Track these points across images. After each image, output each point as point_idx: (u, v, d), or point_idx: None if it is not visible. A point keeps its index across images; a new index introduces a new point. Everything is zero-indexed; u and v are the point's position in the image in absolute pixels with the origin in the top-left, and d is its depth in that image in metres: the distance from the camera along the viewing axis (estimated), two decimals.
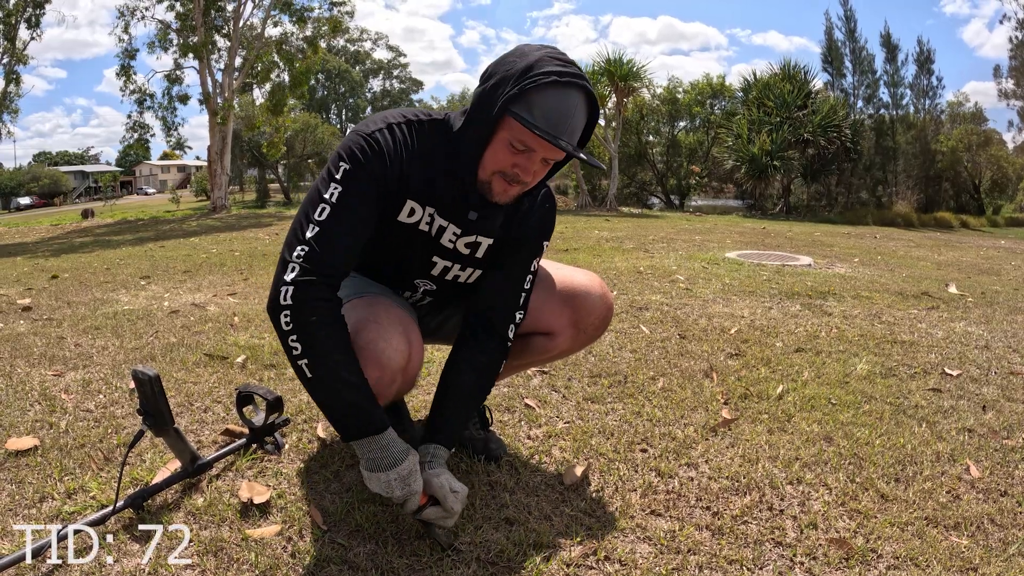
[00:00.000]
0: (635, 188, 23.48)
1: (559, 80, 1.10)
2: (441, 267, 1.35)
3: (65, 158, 67.38)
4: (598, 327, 1.48)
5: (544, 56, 1.13)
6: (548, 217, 1.37)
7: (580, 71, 1.13)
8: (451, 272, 1.37)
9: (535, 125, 1.09)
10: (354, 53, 50.41)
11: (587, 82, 1.14)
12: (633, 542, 1.26)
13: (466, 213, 1.26)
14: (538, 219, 1.35)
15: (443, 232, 1.29)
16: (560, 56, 1.14)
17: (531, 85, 1.10)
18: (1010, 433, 1.81)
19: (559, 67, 1.11)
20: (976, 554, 1.23)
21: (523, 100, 1.10)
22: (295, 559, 1.17)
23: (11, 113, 17.02)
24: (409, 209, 1.24)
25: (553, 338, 1.47)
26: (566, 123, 1.11)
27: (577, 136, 1.16)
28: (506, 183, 1.19)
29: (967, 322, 3.20)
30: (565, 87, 1.11)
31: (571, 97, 1.12)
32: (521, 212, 1.33)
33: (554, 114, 1.10)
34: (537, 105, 1.10)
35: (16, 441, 1.62)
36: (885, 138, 20.95)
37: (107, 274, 4.96)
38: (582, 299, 1.45)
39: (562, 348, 1.50)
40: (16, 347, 2.58)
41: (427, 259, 1.34)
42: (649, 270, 4.60)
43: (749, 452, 1.64)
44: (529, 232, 1.34)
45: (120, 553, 1.18)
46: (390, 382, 1.26)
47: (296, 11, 16.22)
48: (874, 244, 8.06)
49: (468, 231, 1.30)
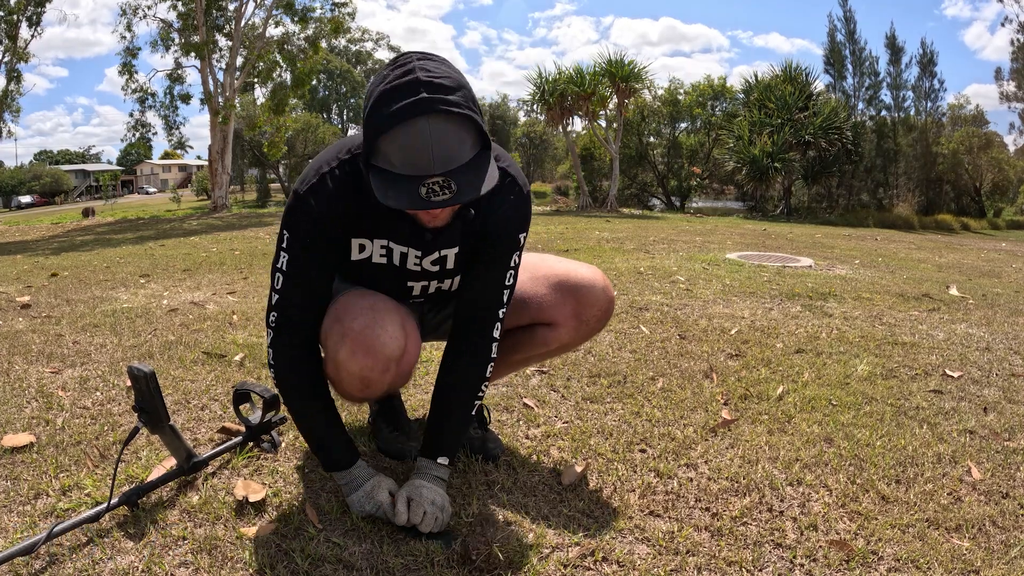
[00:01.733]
0: (636, 189, 23.48)
1: (397, 119, 1.00)
2: (420, 288, 1.36)
3: (66, 157, 67.51)
4: (600, 319, 1.47)
5: (382, 92, 1.03)
6: (517, 208, 1.28)
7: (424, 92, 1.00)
8: (431, 288, 1.37)
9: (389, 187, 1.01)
10: (355, 53, 50.43)
11: (435, 101, 1.00)
12: (631, 543, 1.25)
13: (422, 235, 1.24)
14: (506, 212, 1.26)
15: (406, 258, 1.29)
16: (399, 83, 1.02)
17: (375, 136, 1.03)
18: (1012, 435, 1.80)
19: (397, 101, 1.00)
20: (978, 556, 1.22)
21: (379, 153, 1.04)
22: (290, 558, 1.16)
23: (12, 112, 17.03)
24: (358, 246, 1.27)
25: (555, 329, 1.46)
26: (427, 157, 1.00)
27: (461, 154, 1.02)
28: (429, 214, 1.15)
29: (968, 324, 3.19)
30: (408, 121, 1.00)
31: (419, 130, 0.99)
32: (483, 209, 1.25)
33: (411, 156, 1.00)
34: (391, 155, 1.02)
35: (12, 438, 1.61)
36: (886, 140, 20.95)
37: (107, 272, 4.96)
38: (585, 291, 1.43)
39: (563, 340, 1.48)
40: (14, 344, 2.57)
41: (402, 286, 1.35)
42: (649, 271, 4.59)
43: (749, 453, 1.63)
44: (500, 227, 1.27)
45: (114, 550, 1.18)
46: (383, 370, 1.26)
47: (298, 11, 16.23)
48: (875, 246, 8.05)
49: (429, 250, 1.29)
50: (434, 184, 1.00)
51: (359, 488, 1.30)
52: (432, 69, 1.04)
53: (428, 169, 1.00)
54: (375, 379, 1.27)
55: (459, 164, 1.02)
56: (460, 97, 1.03)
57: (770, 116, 17.15)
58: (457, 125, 1.02)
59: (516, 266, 1.31)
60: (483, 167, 1.05)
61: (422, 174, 1.00)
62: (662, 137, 24.00)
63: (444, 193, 1.01)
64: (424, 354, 2.43)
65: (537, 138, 42.60)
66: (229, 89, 15.83)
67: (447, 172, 1.01)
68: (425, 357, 2.40)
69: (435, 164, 1.00)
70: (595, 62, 15.59)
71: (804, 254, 6.22)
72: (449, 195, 1.01)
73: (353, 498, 1.30)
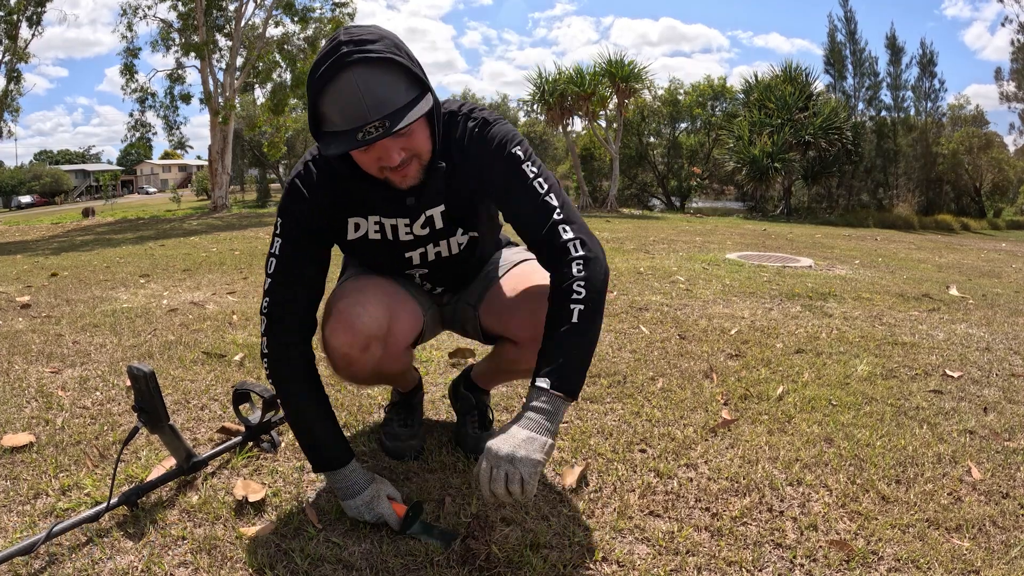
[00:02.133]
0: (636, 189, 23.49)
1: (325, 78, 1.04)
2: (418, 256, 1.36)
3: (66, 157, 67.55)
4: None
5: (315, 62, 1.07)
6: (485, 134, 1.23)
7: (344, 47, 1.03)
8: (430, 255, 1.36)
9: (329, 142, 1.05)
10: None
11: (354, 52, 1.03)
12: (631, 543, 1.25)
13: (404, 202, 1.25)
14: (479, 144, 1.23)
15: (397, 229, 1.30)
16: (327, 49, 1.06)
17: (313, 102, 1.06)
18: (1012, 435, 1.80)
19: (322, 62, 1.04)
20: (978, 556, 1.21)
21: (320, 117, 1.08)
22: (289, 558, 1.16)
23: (12, 112, 17.02)
24: (353, 225, 1.30)
25: (520, 349, 1.39)
26: (361, 106, 1.03)
27: (394, 98, 1.04)
28: (394, 172, 1.15)
29: (968, 324, 3.19)
30: (333, 79, 1.03)
31: (344, 83, 1.03)
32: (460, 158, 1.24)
33: (344, 109, 1.04)
34: (329, 113, 1.06)
35: (12, 437, 1.61)
36: (886, 140, 20.95)
37: (107, 272, 4.96)
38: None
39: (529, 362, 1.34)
40: (14, 344, 2.57)
41: (400, 258, 1.35)
42: (649, 271, 4.59)
43: (749, 453, 1.63)
44: (483, 159, 1.23)
45: (114, 550, 1.18)
46: (363, 347, 1.29)
47: (298, 11, 16.23)
48: (875, 246, 8.05)
49: (415, 215, 1.29)
50: (370, 127, 1.03)
51: (357, 495, 1.25)
52: (354, 30, 1.08)
53: (364, 118, 1.03)
54: (355, 356, 1.30)
55: (395, 107, 1.04)
56: (382, 46, 1.06)
57: (770, 116, 17.15)
58: (383, 70, 1.05)
59: (538, 174, 1.22)
60: (413, 104, 1.06)
61: (360, 123, 1.03)
62: (662, 137, 24.01)
63: (379, 131, 1.03)
64: (424, 354, 2.43)
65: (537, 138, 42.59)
66: (229, 89, 15.82)
67: (384, 116, 1.04)
68: (425, 357, 2.40)
69: (370, 112, 1.03)
70: (595, 62, 15.59)
71: (804, 254, 6.22)
72: (382, 131, 1.03)
73: (350, 504, 1.25)
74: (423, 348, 2.49)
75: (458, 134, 1.24)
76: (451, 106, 1.26)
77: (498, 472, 1.04)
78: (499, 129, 1.24)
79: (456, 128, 1.24)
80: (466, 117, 1.25)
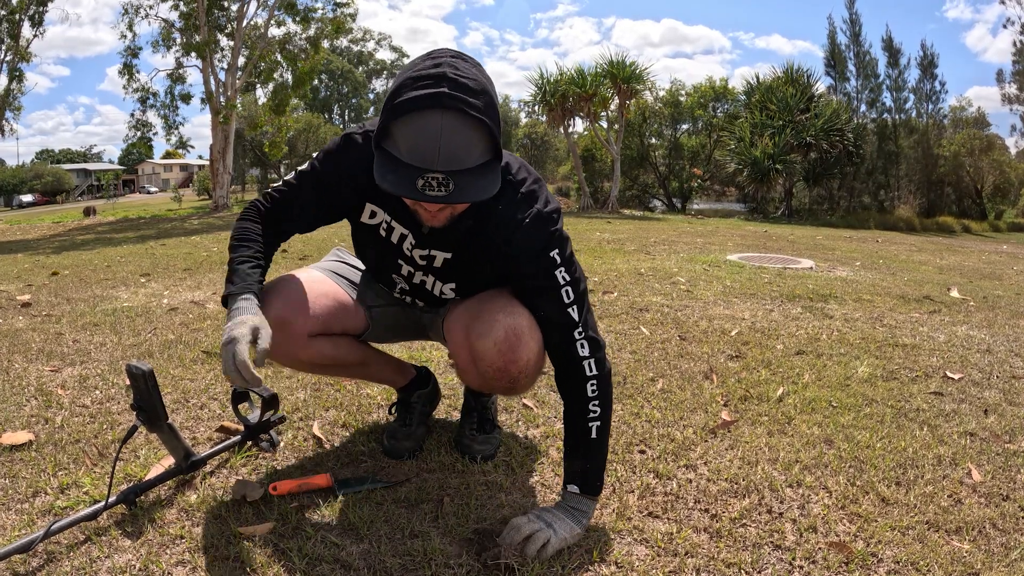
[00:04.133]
0: (637, 190, 23.49)
1: (414, 106, 1.01)
2: (407, 270, 1.37)
3: (68, 156, 67.58)
4: (497, 378, 1.29)
5: (407, 79, 1.03)
6: (537, 228, 1.21)
7: (446, 87, 1.00)
8: (416, 277, 1.37)
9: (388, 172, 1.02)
10: (357, 53, 50.48)
11: (455, 98, 1.00)
12: (630, 544, 1.25)
13: (420, 226, 1.25)
14: (526, 233, 1.21)
15: (403, 240, 1.31)
16: (426, 74, 1.02)
17: (389, 119, 1.03)
18: (1012, 437, 1.80)
19: (417, 90, 1.01)
20: (978, 559, 1.21)
21: (389, 136, 1.05)
22: (287, 557, 1.16)
23: (14, 111, 17.03)
24: (370, 212, 1.31)
25: (461, 371, 1.39)
26: (433, 152, 1.00)
27: (468, 157, 1.02)
28: (428, 212, 1.15)
29: (969, 326, 3.19)
30: (422, 112, 1.00)
31: (430, 122, 1.00)
32: (501, 230, 1.22)
33: (417, 145, 1.01)
34: (399, 139, 1.03)
35: (11, 436, 1.61)
36: (887, 142, 20.95)
37: (107, 271, 4.96)
38: (479, 342, 1.27)
39: (474, 385, 1.40)
40: (14, 343, 2.57)
41: (395, 260, 1.36)
42: (650, 272, 4.59)
43: (748, 454, 1.63)
44: (523, 250, 1.22)
45: (112, 549, 1.17)
46: None
47: (300, 11, 16.23)
48: (876, 248, 8.04)
49: (422, 244, 1.30)
50: (432, 179, 1.00)
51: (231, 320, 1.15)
52: (461, 69, 1.04)
53: (431, 164, 1.00)
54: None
55: (463, 167, 1.02)
56: (481, 102, 1.03)
57: (771, 118, 17.14)
58: (470, 128, 1.02)
59: (570, 281, 1.24)
60: (487, 176, 1.05)
61: (424, 167, 1.01)
62: (663, 138, 24.00)
63: (440, 190, 1.01)
64: (423, 354, 2.42)
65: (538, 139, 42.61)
66: (231, 89, 15.83)
67: (449, 171, 1.01)
68: (425, 357, 2.39)
69: (439, 160, 1.00)
70: (597, 63, 15.59)
71: (805, 256, 6.21)
72: (444, 193, 1.01)
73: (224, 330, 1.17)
74: (423, 348, 2.49)
75: (503, 205, 1.21)
76: (515, 170, 1.23)
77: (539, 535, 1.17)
78: (546, 230, 1.22)
79: (505, 198, 1.20)
80: (523, 196, 1.22)
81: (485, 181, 1.04)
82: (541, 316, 1.27)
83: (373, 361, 1.59)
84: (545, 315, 1.26)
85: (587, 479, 1.26)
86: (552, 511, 1.24)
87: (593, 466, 1.27)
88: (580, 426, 1.27)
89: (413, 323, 1.58)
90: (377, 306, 1.51)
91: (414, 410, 1.67)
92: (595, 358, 1.27)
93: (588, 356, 1.26)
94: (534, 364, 1.28)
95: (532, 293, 1.26)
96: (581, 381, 1.26)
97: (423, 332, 1.61)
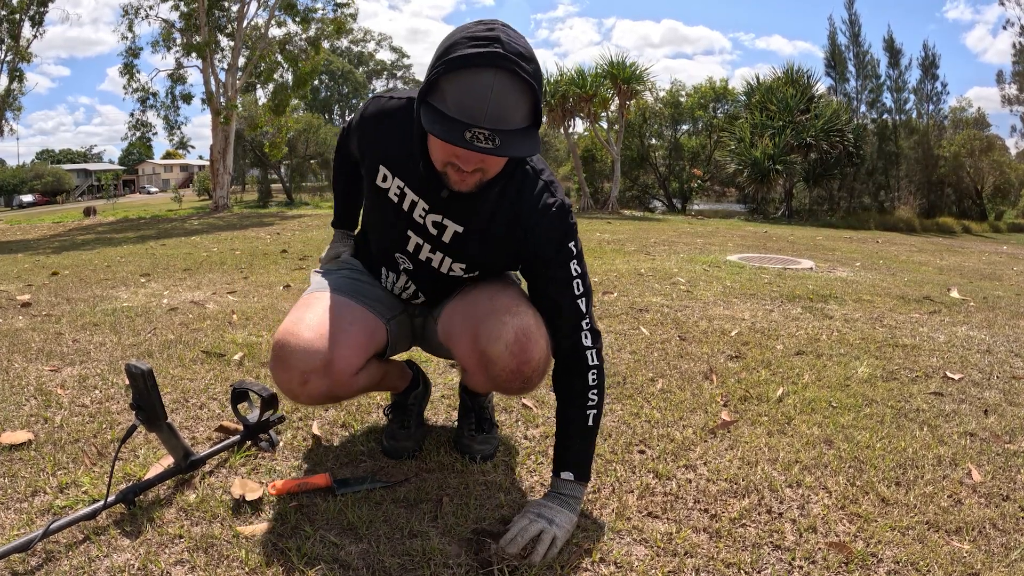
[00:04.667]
0: (637, 191, 23.47)
1: (468, 63, 1.01)
2: (414, 244, 1.34)
3: (68, 156, 67.60)
4: (510, 380, 1.28)
5: (461, 38, 1.04)
6: (560, 219, 1.26)
7: (500, 49, 1.01)
8: (423, 252, 1.35)
9: (436, 121, 1.02)
10: (357, 54, 50.50)
11: (509, 60, 1.02)
12: (629, 544, 1.25)
13: (439, 191, 1.23)
14: (549, 225, 1.25)
15: (414, 207, 1.29)
16: (480, 35, 1.03)
17: (439, 73, 1.03)
18: (1012, 437, 1.80)
19: (472, 48, 1.01)
20: (978, 559, 1.21)
21: (437, 90, 1.05)
22: (286, 557, 1.16)
23: (14, 111, 17.03)
24: (382, 175, 1.31)
25: (468, 375, 1.39)
26: (483, 108, 1.01)
27: (513, 118, 1.04)
28: (458, 172, 1.14)
29: (969, 326, 3.18)
30: (477, 69, 1.01)
31: (483, 80, 1.01)
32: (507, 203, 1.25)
33: (467, 101, 1.01)
34: (449, 94, 1.03)
35: (10, 435, 1.61)
36: (888, 143, 20.94)
37: (107, 271, 4.96)
38: (490, 346, 1.26)
39: (484, 389, 1.42)
40: (14, 342, 2.57)
41: (403, 231, 1.34)
42: (650, 272, 4.59)
43: (748, 454, 1.63)
44: (545, 243, 1.25)
45: (111, 548, 1.17)
46: (301, 382, 1.26)
47: (300, 12, 16.23)
48: (876, 248, 8.04)
49: (436, 208, 1.28)
50: (480, 133, 1.02)
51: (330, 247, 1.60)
52: (514, 36, 1.06)
53: (478, 120, 1.02)
54: (297, 391, 1.27)
55: (508, 127, 1.04)
56: (531, 68, 1.05)
57: (772, 118, 17.14)
58: (519, 91, 1.04)
59: (581, 273, 1.29)
60: (529, 139, 1.07)
61: (471, 122, 1.02)
62: (664, 139, 23.99)
63: (488, 143, 1.02)
64: (424, 355, 2.42)
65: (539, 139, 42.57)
66: (231, 89, 15.83)
67: (495, 130, 1.03)
68: (425, 358, 2.39)
69: (486, 118, 1.02)
70: (597, 64, 15.58)
71: (805, 256, 6.21)
72: (492, 146, 1.02)
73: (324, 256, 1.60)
74: None
75: (527, 192, 1.25)
76: (534, 160, 1.27)
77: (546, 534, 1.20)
78: (568, 221, 1.27)
79: (528, 184, 1.25)
80: (545, 184, 1.26)
81: (528, 142, 1.06)
82: (552, 304, 1.29)
83: (388, 373, 1.56)
84: (556, 304, 1.29)
85: (581, 466, 1.30)
86: (548, 504, 1.25)
87: (587, 453, 1.32)
88: (579, 414, 1.30)
89: (412, 331, 1.57)
90: (393, 317, 1.47)
91: (411, 412, 1.66)
92: (595, 348, 1.31)
93: (591, 347, 1.30)
94: (545, 361, 1.29)
95: (547, 281, 1.28)
96: (584, 370, 1.29)
97: (417, 340, 1.60)
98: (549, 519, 1.22)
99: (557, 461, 1.31)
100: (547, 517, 1.22)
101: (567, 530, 1.23)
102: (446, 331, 1.41)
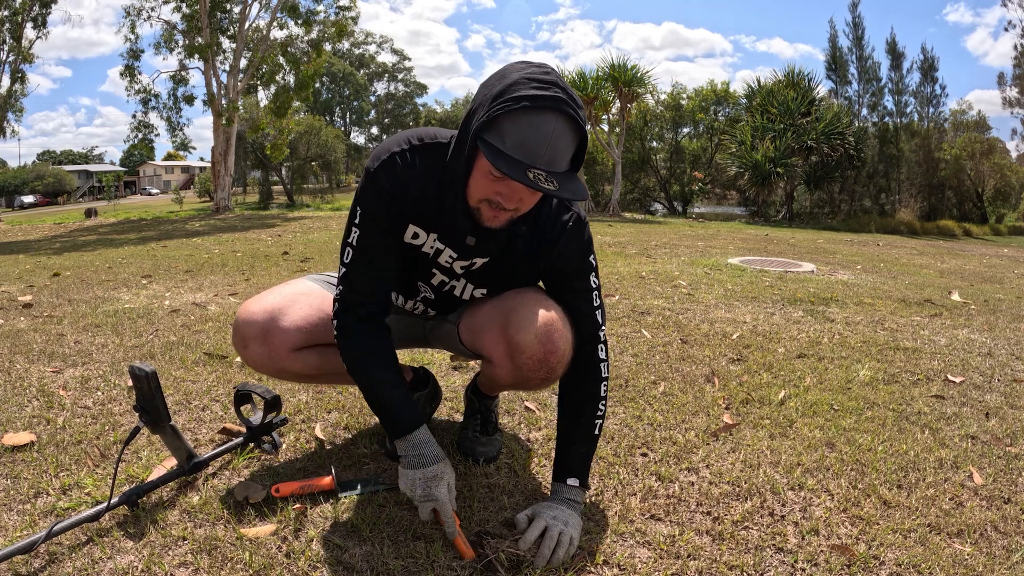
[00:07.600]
0: (638, 194, 23.49)
1: (532, 105, 1.03)
2: (439, 279, 1.37)
3: (69, 157, 67.70)
4: (536, 369, 1.29)
5: (521, 78, 1.06)
6: (581, 233, 1.31)
7: (561, 94, 1.05)
8: (448, 285, 1.37)
9: (499, 157, 1.03)
10: (359, 56, 50.56)
11: (569, 105, 1.06)
12: (632, 546, 1.25)
13: (463, 239, 1.25)
14: (573, 239, 1.29)
15: (440, 254, 1.31)
16: (540, 78, 1.06)
17: (500, 111, 1.04)
18: (1013, 440, 1.80)
19: (534, 90, 1.04)
20: (979, 562, 1.21)
21: (494, 128, 1.05)
22: (290, 559, 1.16)
23: (16, 112, 17.05)
24: (412, 232, 1.28)
25: (493, 367, 1.40)
26: (541, 150, 1.04)
27: (562, 162, 1.07)
28: (494, 210, 1.15)
29: (970, 329, 3.18)
30: (539, 111, 1.04)
31: (545, 122, 1.04)
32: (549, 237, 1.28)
33: (527, 141, 1.03)
34: (508, 133, 1.04)
35: (13, 436, 1.61)
36: (888, 146, 20.94)
37: (109, 272, 4.96)
38: (519, 335, 1.28)
39: (506, 381, 1.40)
40: (16, 343, 2.57)
41: (427, 270, 1.36)
42: (651, 275, 4.59)
43: (750, 457, 1.63)
44: (570, 257, 1.30)
45: (114, 550, 1.17)
46: (243, 347, 1.39)
47: (302, 14, 16.26)
48: (877, 251, 8.04)
49: (464, 255, 1.29)
50: (539, 174, 1.04)
51: (422, 468, 1.23)
52: (567, 85, 1.10)
53: (535, 161, 1.04)
54: (241, 354, 1.41)
55: (559, 170, 1.07)
56: (582, 116, 1.10)
57: (772, 121, 17.15)
58: (572, 137, 1.08)
59: (597, 286, 1.35)
60: (576, 182, 1.10)
61: (528, 163, 1.04)
62: (665, 142, 24.01)
63: (549, 184, 1.04)
64: (425, 357, 2.42)
65: None
66: (232, 91, 15.85)
67: (549, 172, 1.05)
68: (426, 360, 2.39)
69: (542, 159, 1.04)
70: (598, 66, 15.60)
71: (806, 259, 6.21)
72: (553, 187, 1.04)
73: (409, 475, 1.24)
74: (425, 352, 2.49)
75: (545, 212, 1.27)
76: None
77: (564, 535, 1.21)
78: (587, 234, 1.32)
79: (545, 203, 1.27)
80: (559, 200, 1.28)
81: (577, 185, 1.09)
82: (571, 311, 1.32)
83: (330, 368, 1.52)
84: (576, 314, 1.32)
85: (584, 472, 1.33)
86: (560, 508, 1.27)
87: (590, 460, 1.35)
88: (587, 423, 1.33)
89: (411, 332, 1.58)
90: None
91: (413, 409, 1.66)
92: (607, 361, 1.36)
93: (604, 359, 1.35)
94: (568, 355, 1.31)
95: (569, 292, 1.33)
96: (596, 381, 1.34)
97: (422, 341, 1.61)
98: (564, 521, 1.23)
99: (561, 467, 1.33)
100: (562, 520, 1.24)
101: (579, 533, 1.24)
102: (471, 325, 1.42)
